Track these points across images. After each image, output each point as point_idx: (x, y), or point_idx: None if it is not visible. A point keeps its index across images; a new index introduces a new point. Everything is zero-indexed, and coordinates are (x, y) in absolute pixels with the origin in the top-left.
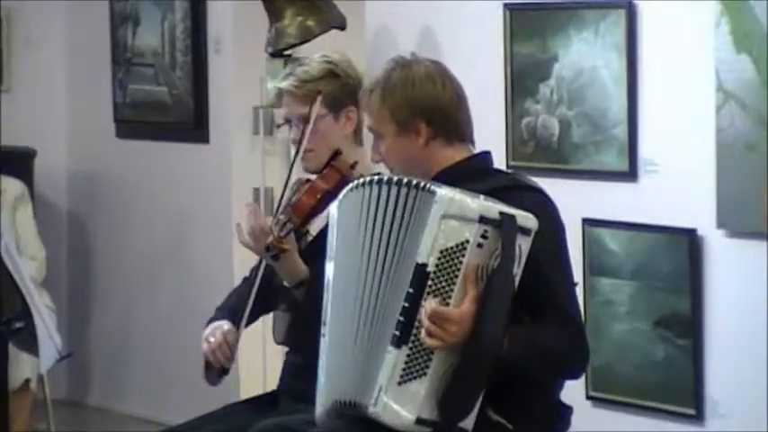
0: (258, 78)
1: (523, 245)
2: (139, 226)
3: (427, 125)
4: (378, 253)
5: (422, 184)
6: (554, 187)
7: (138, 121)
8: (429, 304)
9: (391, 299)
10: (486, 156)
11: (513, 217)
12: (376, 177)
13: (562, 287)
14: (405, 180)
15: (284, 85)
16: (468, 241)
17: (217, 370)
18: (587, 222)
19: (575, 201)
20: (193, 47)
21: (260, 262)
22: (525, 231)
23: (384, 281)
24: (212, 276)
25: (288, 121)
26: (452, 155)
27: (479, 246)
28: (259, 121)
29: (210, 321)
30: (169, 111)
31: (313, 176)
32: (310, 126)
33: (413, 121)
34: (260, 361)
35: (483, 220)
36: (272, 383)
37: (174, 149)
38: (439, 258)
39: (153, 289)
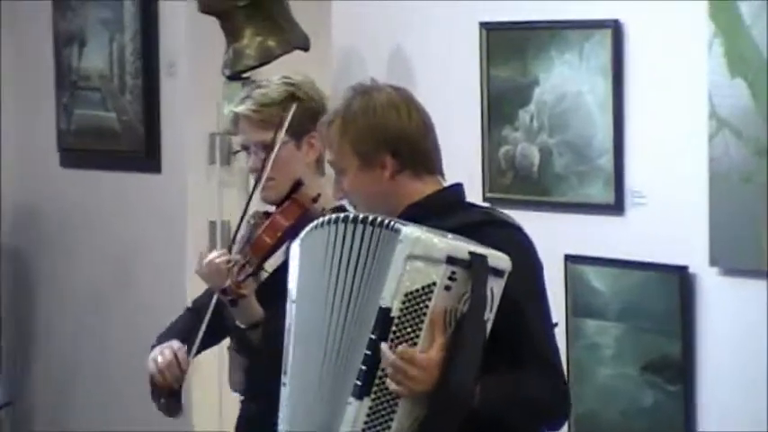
0: (214, 103)
1: (496, 287)
2: (86, 262)
3: (393, 157)
4: (342, 297)
5: (386, 221)
6: (534, 221)
7: (84, 150)
8: (393, 348)
9: (354, 346)
10: (457, 188)
11: (483, 257)
12: (341, 215)
13: (541, 331)
14: (369, 218)
15: (241, 109)
16: (434, 284)
17: (166, 392)
18: (570, 259)
19: (556, 236)
20: (144, 69)
21: (211, 293)
22: (497, 273)
23: (348, 326)
24: (165, 316)
25: (245, 148)
26: (421, 188)
27: (447, 288)
28: (215, 149)
29: (154, 347)
30: (118, 138)
31: (272, 208)
32: (275, 152)
33: (377, 154)
34: (216, 406)
35: (451, 260)
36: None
37: (124, 180)
38: (404, 302)
39: (102, 329)
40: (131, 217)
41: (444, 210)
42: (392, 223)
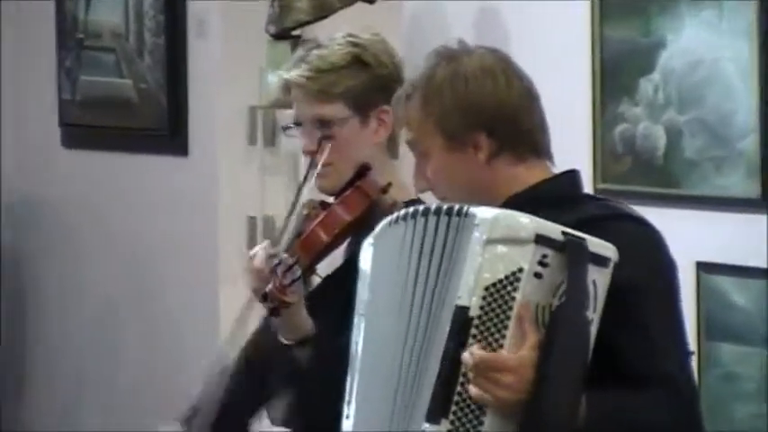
0: (256, 69)
1: (599, 279)
2: (96, 265)
3: (488, 136)
4: (420, 308)
5: (459, 208)
6: (658, 219)
7: (92, 126)
8: (474, 351)
9: (429, 360)
10: (572, 176)
11: (581, 239)
12: (419, 208)
13: (669, 347)
14: (442, 208)
15: (293, 75)
16: (521, 270)
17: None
18: (703, 268)
19: (686, 238)
20: (168, 26)
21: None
22: (600, 261)
23: (424, 340)
24: (192, 331)
25: (298, 124)
26: (525, 175)
27: (537, 276)
28: (257, 126)
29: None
30: (135, 112)
31: (331, 199)
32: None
33: (468, 132)
34: None
35: (541, 240)
36: None
37: (142, 164)
38: (484, 297)
39: (114, 345)
40: (151, 210)
41: (556, 203)
42: (464, 208)
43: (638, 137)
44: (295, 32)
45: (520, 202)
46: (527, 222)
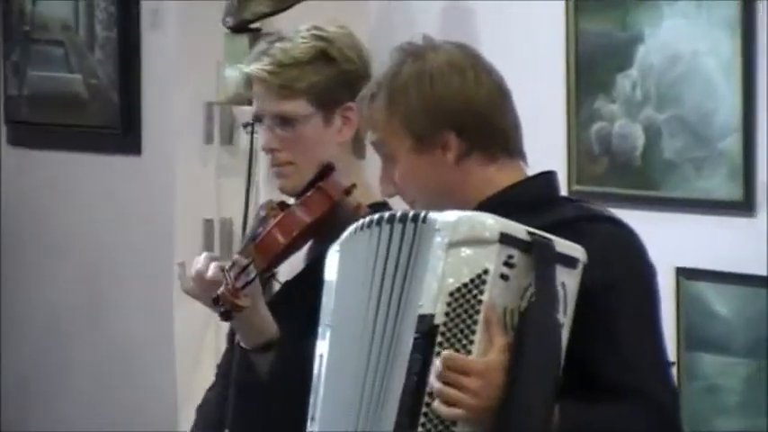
0: (213, 63)
1: (568, 282)
2: (41, 271)
3: (457, 136)
4: (385, 318)
5: (421, 214)
6: (636, 222)
7: (39, 123)
8: (442, 353)
9: (394, 373)
10: (549, 178)
11: (547, 239)
12: (386, 215)
13: (645, 356)
14: (406, 215)
15: (255, 69)
16: (486, 271)
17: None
18: (683, 273)
19: (665, 242)
20: (120, 18)
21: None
22: (568, 262)
23: (389, 353)
24: (145, 346)
25: (258, 119)
26: (498, 177)
27: (504, 277)
28: (213, 123)
29: None
30: (85, 108)
31: (291, 201)
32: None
33: (436, 132)
34: None
35: (505, 239)
36: None
37: (92, 164)
38: (449, 304)
39: (63, 365)
40: (102, 213)
41: (531, 206)
42: (424, 214)
43: (615, 136)
44: (254, 25)
45: (493, 205)
46: (491, 222)
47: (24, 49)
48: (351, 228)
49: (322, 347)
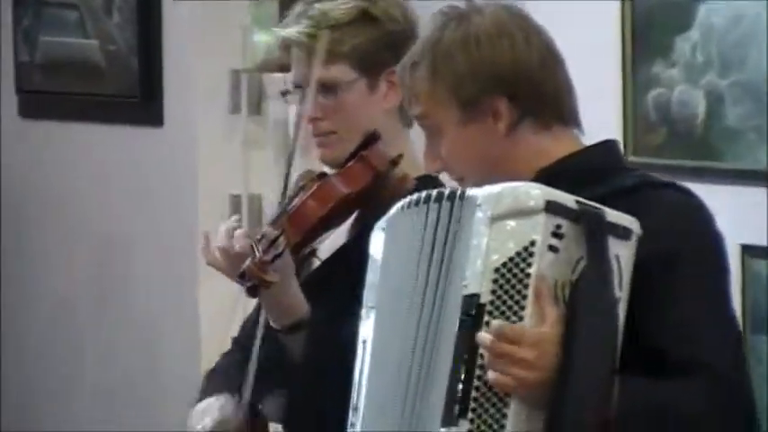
0: (239, 27)
1: (623, 254)
2: (58, 250)
3: (509, 102)
4: (432, 302)
5: (456, 191)
6: (699, 195)
7: (53, 93)
8: (492, 325)
9: (442, 358)
10: (610, 147)
11: (597, 208)
12: (434, 193)
13: (711, 329)
14: (446, 193)
15: (293, 33)
16: (533, 243)
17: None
18: (749, 251)
19: (730, 218)
20: None
21: (258, 310)
22: (621, 233)
23: (435, 337)
24: (168, 329)
25: (298, 87)
26: (552, 147)
27: (553, 249)
28: (240, 92)
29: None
30: (101, 76)
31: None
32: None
33: (486, 99)
34: None
35: (552, 208)
36: None
37: (110, 135)
38: (495, 281)
39: (78, 349)
40: (121, 188)
41: (590, 177)
42: (463, 191)
43: (675, 103)
44: None
45: (548, 177)
46: (536, 191)
47: (36, 12)
48: (398, 205)
49: (365, 332)
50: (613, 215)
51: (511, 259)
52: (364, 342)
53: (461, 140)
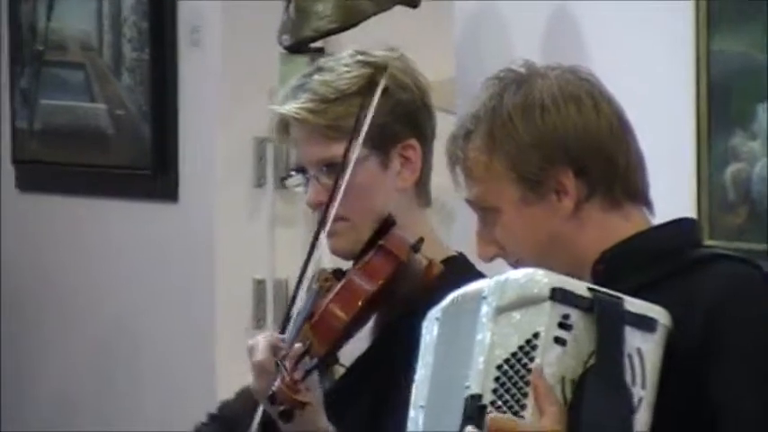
0: (265, 90)
1: (647, 348)
2: (58, 338)
3: (576, 176)
4: (441, 404)
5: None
6: None
7: (54, 163)
8: (488, 419)
9: None
10: (686, 225)
11: (615, 297)
12: (482, 288)
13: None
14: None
15: (291, 109)
16: (536, 335)
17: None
18: None
19: None
20: (153, 36)
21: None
22: (644, 325)
23: None
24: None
25: (301, 170)
26: (622, 226)
27: (559, 342)
28: (265, 163)
29: None
30: (109, 145)
31: (347, 265)
32: (346, 177)
33: (550, 174)
34: None
35: (558, 295)
36: None
37: (119, 211)
38: (497, 378)
39: None
40: (131, 271)
41: (660, 259)
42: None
43: (756, 179)
44: (316, 44)
45: (614, 258)
46: (540, 277)
47: (35, 72)
48: (454, 294)
49: None
50: (636, 305)
51: (513, 354)
52: None
53: (521, 221)
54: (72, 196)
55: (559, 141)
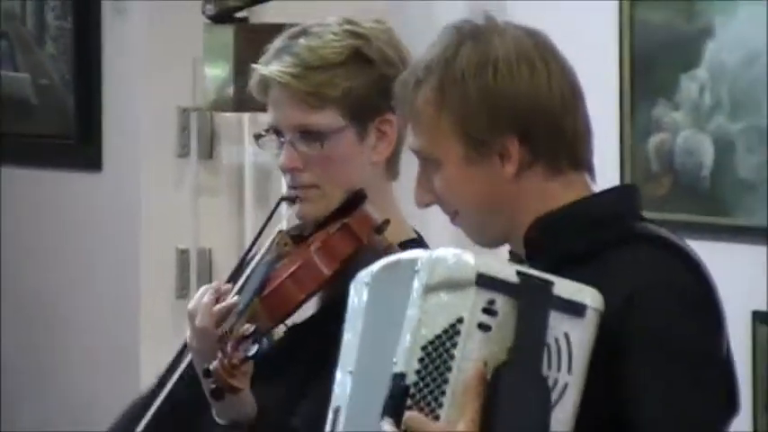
0: (189, 60)
1: (575, 333)
2: None
3: (521, 143)
4: (368, 378)
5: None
6: (703, 256)
7: None
8: (405, 417)
9: None
10: (624, 193)
11: (544, 281)
12: (419, 257)
13: (669, 424)
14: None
15: (275, 72)
16: (460, 320)
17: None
18: (761, 318)
19: (740, 280)
20: (76, 3)
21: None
22: (572, 309)
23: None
24: (103, 410)
25: (277, 132)
26: (560, 193)
27: (483, 328)
28: (190, 133)
29: None
30: (32, 114)
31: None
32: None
33: (496, 137)
34: None
35: (483, 281)
36: None
37: (42, 181)
38: (422, 360)
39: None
40: (55, 240)
41: (593, 227)
42: (412, 256)
43: (679, 150)
44: (241, 14)
45: (547, 224)
46: (469, 260)
47: None
48: (385, 261)
49: (340, 397)
50: (566, 288)
51: (438, 337)
52: (337, 410)
53: (461, 178)
54: None
55: (509, 105)
